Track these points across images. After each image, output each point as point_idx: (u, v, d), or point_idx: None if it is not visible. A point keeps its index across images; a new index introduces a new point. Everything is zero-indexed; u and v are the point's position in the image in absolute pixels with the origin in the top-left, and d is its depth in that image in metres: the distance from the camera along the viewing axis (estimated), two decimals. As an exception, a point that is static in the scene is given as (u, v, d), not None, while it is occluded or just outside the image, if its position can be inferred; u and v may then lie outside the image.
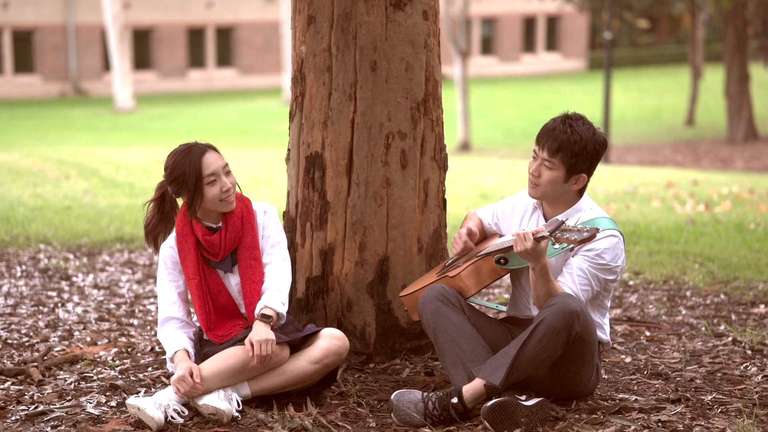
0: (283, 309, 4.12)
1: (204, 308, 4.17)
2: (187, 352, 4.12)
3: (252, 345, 3.97)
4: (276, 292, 4.15)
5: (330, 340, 4.10)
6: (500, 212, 4.36)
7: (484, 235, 4.40)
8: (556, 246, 3.82)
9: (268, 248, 4.24)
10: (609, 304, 4.24)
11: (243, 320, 4.22)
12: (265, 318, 4.04)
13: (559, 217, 4.12)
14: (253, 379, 4.07)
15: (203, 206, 4.15)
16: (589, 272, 4.02)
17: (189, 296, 4.28)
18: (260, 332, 4.00)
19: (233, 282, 4.23)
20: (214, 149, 4.18)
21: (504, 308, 4.52)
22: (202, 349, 4.18)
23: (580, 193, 4.15)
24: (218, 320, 4.20)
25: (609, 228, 4.04)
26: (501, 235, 4.32)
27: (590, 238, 3.72)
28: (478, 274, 4.11)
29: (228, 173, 4.16)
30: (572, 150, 4.00)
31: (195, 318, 4.30)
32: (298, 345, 4.13)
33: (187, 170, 4.09)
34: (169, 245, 4.25)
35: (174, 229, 4.25)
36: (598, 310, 4.17)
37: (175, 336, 4.18)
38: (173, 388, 3.99)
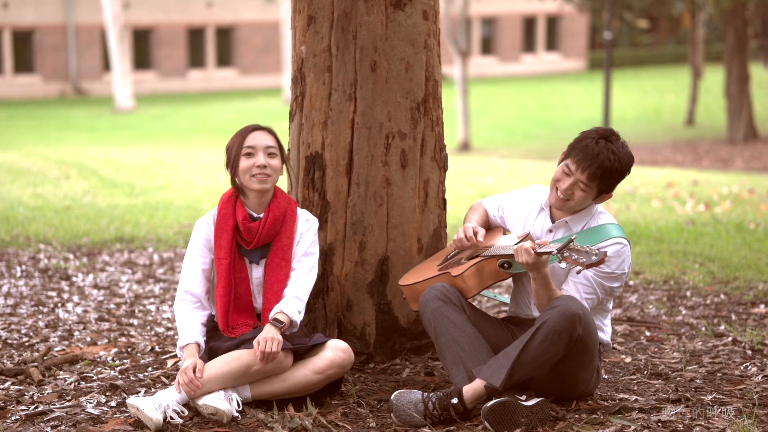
0: (298, 317, 4.14)
1: (228, 290, 4.18)
2: (198, 345, 4.12)
3: (259, 343, 3.97)
4: (294, 300, 4.16)
5: (335, 352, 4.10)
6: (506, 206, 4.35)
7: (488, 226, 4.40)
8: (563, 265, 3.79)
9: (300, 255, 4.27)
10: (611, 306, 4.24)
11: (253, 318, 4.23)
12: (277, 322, 4.06)
13: (568, 220, 4.11)
14: (255, 384, 4.07)
15: (240, 181, 4.20)
16: (594, 281, 4.02)
17: (213, 276, 4.28)
18: (269, 332, 4.02)
19: (255, 275, 4.25)
20: (268, 131, 4.26)
21: (506, 299, 4.52)
22: (209, 342, 4.19)
23: None
24: (233, 309, 4.20)
25: (616, 236, 4.03)
26: (506, 230, 4.31)
27: (599, 263, 3.69)
28: (481, 276, 4.10)
29: (271, 155, 4.20)
30: (612, 177, 3.99)
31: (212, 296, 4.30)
32: (302, 354, 4.14)
33: (234, 140, 4.23)
34: (207, 222, 4.28)
35: (216, 208, 4.28)
36: (600, 312, 4.17)
37: (189, 320, 4.17)
38: (176, 380, 3.99)
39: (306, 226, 4.31)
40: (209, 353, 4.15)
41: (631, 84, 38.04)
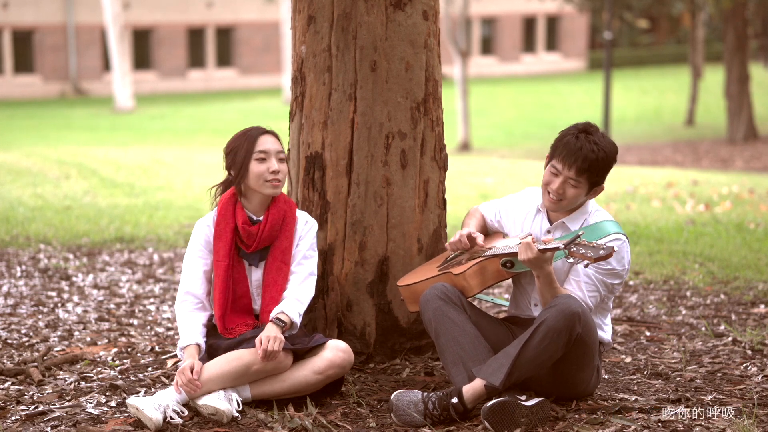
0: (298, 319, 4.14)
1: (225, 293, 4.17)
2: (199, 347, 4.12)
3: (261, 341, 3.97)
4: (295, 302, 4.16)
5: (335, 352, 4.10)
6: (503, 210, 4.35)
7: (486, 232, 4.40)
8: (570, 260, 3.79)
9: (299, 258, 4.26)
10: (611, 305, 4.24)
11: (252, 319, 4.23)
12: (278, 321, 4.06)
13: (565, 220, 4.11)
14: (255, 384, 4.07)
15: (248, 185, 4.18)
16: (595, 278, 4.02)
17: (212, 277, 4.28)
18: (271, 331, 4.02)
19: (254, 277, 4.25)
20: (275, 135, 4.24)
21: (506, 303, 4.51)
22: (209, 340, 4.19)
23: None
24: (231, 311, 4.20)
25: (614, 232, 4.03)
26: (505, 234, 4.31)
27: (606, 257, 3.69)
28: (483, 275, 4.10)
29: (282, 160, 4.20)
30: (599, 168, 4.00)
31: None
32: (302, 354, 4.14)
33: (241, 143, 4.19)
34: (206, 224, 4.27)
35: (215, 209, 4.27)
36: (600, 311, 4.16)
37: (190, 321, 4.17)
38: (174, 381, 3.99)
39: (305, 228, 4.31)
40: (209, 351, 4.15)
41: (631, 84, 38.03)
